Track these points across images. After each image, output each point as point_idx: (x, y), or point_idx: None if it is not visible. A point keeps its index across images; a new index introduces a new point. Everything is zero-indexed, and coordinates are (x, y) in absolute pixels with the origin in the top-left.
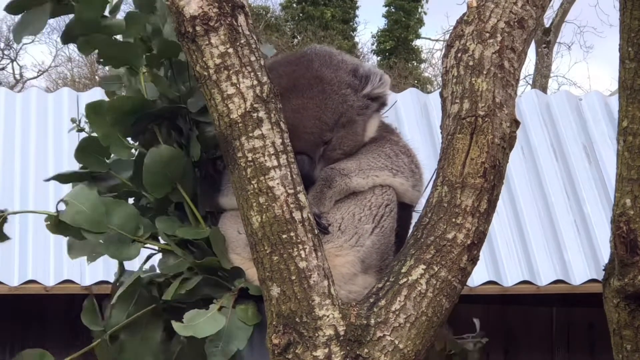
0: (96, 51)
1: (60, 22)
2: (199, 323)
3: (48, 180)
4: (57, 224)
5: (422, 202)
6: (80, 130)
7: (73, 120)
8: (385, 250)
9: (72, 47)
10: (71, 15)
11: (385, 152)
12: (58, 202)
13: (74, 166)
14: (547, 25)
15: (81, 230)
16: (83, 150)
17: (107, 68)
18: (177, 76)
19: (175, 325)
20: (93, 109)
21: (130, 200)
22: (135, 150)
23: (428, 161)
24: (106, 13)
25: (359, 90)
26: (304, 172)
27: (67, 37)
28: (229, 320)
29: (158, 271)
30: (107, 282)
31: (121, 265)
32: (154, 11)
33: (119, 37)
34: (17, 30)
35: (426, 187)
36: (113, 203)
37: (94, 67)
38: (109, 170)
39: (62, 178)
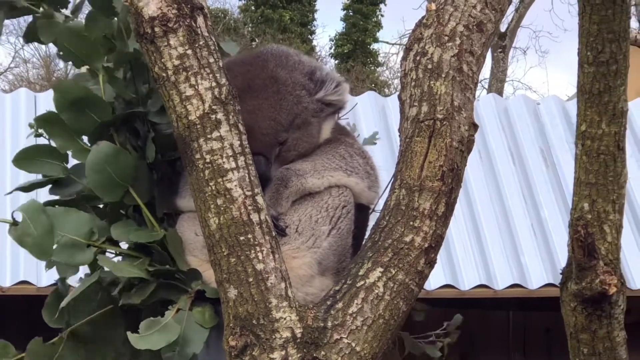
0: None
1: (16, 25)
2: (153, 334)
3: (10, 193)
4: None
5: (381, 204)
6: (38, 135)
7: (31, 126)
8: (343, 252)
9: (28, 50)
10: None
11: (340, 153)
12: (13, 212)
13: None
14: (503, 30)
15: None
16: (26, 158)
17: (63, 69)
18: (136, 77)
19: (131, 337)
20: (45, 121)
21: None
22: None
23: (386, 164)
24: (68, 13)
25: (313, 94)
26: (260, 172)
27: (29, 37)
28: (185, 324)
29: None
30: None
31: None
32: (114, 14)
33: None
34: None
35: (384, 190)
36: (65, 212)
37: (50, 68)
38: (69, 175)
39: (24, 189)
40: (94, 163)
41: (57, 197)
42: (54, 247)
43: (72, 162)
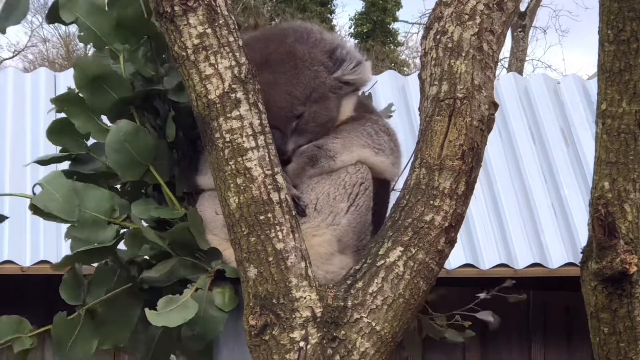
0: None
1: (35, 3)
2: (171, 311)
3: (28, 165)
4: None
5: (400, 183)
6: (60, 111)
7: (52, 101)
8: (362, 229)
9: (47, 28)
10: None
11: (367, 130)
12: (34, 186)
13: (50, 146)
14: (523, 9)
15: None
16: (56, 132)
17: (81, 47)
18: (156, 56)
19: (149, 313)
20: (63, 101)
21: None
22: None
23: (406, 143)
24: None
25: (331, 72)
26: (275, 145)
27: (51, 17)
28: (205, 305)
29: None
30: None
31: None
32: None
33: None
34: (0, 20)
35: (404, 169)
36: (86, 187)
37: (70, 47)
38: (89, 152)
39: (42, 162)
40: (114, 142)
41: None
42: (75, 223)
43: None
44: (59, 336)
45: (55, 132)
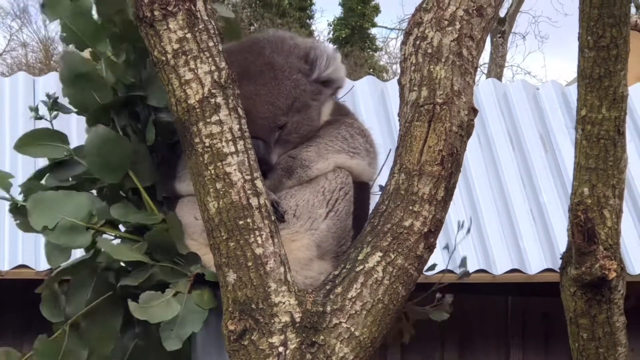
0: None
1: (14, 8)
2: (153, 307)
3: (21, 185)
4: (16, 209)
5: (378, 185)
6: (39, 118)
7: (31, 109)
8: (342, 234)
9: (27, 33)
10: None
11: (342, 134)
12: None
13: None
14: (502, 15)
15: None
16: (29, 143)
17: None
18: (139, 61)
19: (131, 305)
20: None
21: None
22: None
23: (385, 149)
24: None
25: (310, 75)
26: (259, 156)
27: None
28: (184, 305)
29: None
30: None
31: None
32: None
33: None
34: None
35: (381, 169)
36: (63, 196)
37: (49, 52)
38: (71, 155)
39: (36, 178)
40: (91, 146)
41: (57, 182)
42: (53, 229)
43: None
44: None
45: (29, 143)
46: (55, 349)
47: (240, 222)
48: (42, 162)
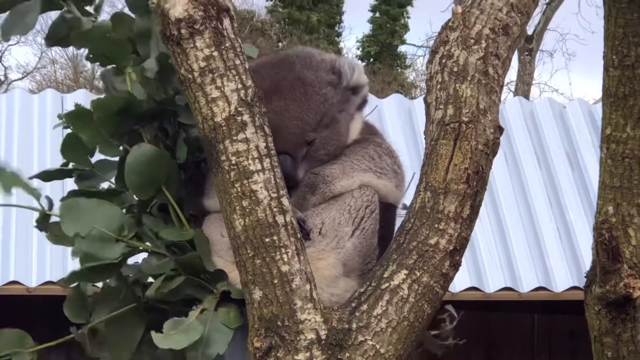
0: (85, 50)
1: (43, 25)
2: (177, 334)
3: (32, 177)
4: (44, 219)
5: (402, 204)
6: (67, 127)
7: (60, 117)
8: (367, 252)
9: (56, 50)
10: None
11: (369, 153)
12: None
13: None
14: (530, 33)
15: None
16: (69, 146)
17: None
18: (165, 78)
19: (155, 336)
20: (76, 117)
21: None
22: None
23: (412, 166)
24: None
25: (338, 85)
26: (286, 172)
27: (52, 39)
28: (210, 324)
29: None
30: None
31: None
32: (148, 14)
33: None
34: (5, 28)
35: (407, 189)
36: (96, 205)
37: (77, 69)
38: (92, 169)
39: (46, 176)
40: (135, 164)
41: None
42: (84, 237)
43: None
44: None
45: (69, 147)
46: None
47: (267, 240)
48: (70, 181)
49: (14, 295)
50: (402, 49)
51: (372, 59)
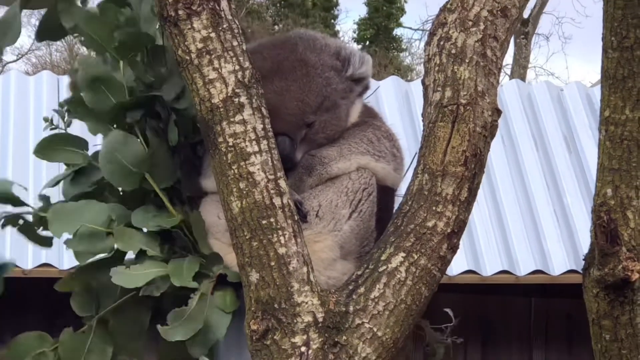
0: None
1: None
2: (181, 325)
3: (42, 190)
4: (39, 221)
5: (403, 188)
6: (54, 128)
7: (45, 120)
8: (365, 235)
9: None
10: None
11: (368, 136)
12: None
13: None
14: (526, 17)
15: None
16: (48, 147)
17: (84, 51)
18: (153, 61)
19: (161, 330)
20: (73, 104)
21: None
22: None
23: (409, 149)
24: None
25: (342, 72)
26: (284, 153)
27: (42, 34)
28: (207, 310)
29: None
30: None
31: None
32: (126, 4)
33: None
34: None
35: (405, 173)
36: (84, 204)
37: (73, 51)
38: (90, 162)
39: (52, 185)
40: (106, 152)
41: (77, 190)
42: (72, 236)
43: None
44: (69, 353)
45: (48, 148)
46: (80, 343)
47: (264, 222)
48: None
49: (10, 278)
50: (398, 32)
51: (368, 42)
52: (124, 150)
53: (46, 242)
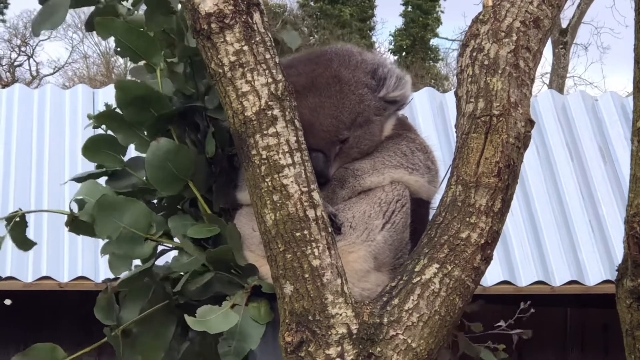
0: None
1: (76, 19)
2: (211, 319)
3: (64, 183)
4: (73, 222)
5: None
6: (97, 127)
7: (90, 117)
8: (399, 247)
9: (87, 44)
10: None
11: (401, 149)
12: (70, 201)
13: (89, 163)
14: (564, 27)
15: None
16: (92, 149)
17: (122, 64)
18: (196, 73)
19: (189, 319)
20: (104, 117)
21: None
22: None
23: (444, 160)
24: (129, 5)
25: (376, 92)
26: (318, 169)
27: (90, 25)
28: (241, 319)
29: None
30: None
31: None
32: (170, 11)
33: None
34: (36, 23)
35: (440, 184)
36: (124, 201)
37: (110, 64)
38: (125, 168)
39: (79, 179)
40: (154, 159)
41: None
42: (114, 239)
43: (128, 155)
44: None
45: (91, 149)
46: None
47: (297, 234)
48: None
49: (46, 291)
50: (434, 42)
51: (404, 53)
52: (173, 157)
53: (27, 246)
